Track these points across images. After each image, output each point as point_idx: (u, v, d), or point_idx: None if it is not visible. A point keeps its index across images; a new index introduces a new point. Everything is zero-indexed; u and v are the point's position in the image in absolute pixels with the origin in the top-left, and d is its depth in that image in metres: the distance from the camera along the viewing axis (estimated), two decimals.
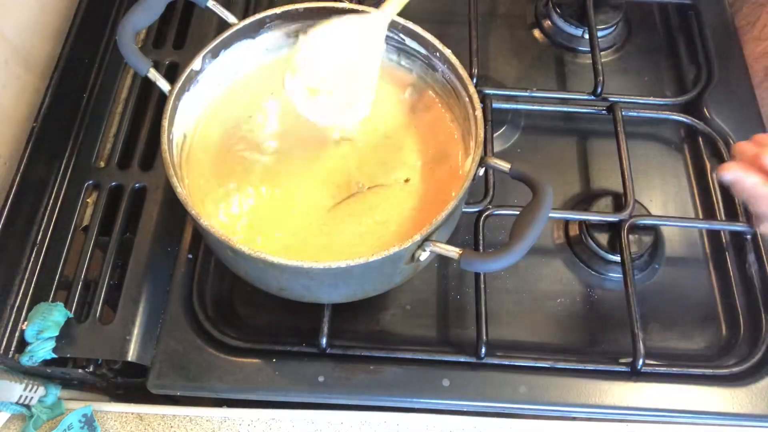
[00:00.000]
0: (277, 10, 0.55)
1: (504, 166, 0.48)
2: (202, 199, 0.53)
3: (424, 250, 0.46)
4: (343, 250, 0.51)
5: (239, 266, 0.51)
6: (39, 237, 0.58)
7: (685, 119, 0.70)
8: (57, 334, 0.53)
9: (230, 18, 0.55)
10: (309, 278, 0.48)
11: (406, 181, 0.54)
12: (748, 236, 0.63)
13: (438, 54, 0.55)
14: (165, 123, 0.50)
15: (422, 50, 0.56)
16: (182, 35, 0.70)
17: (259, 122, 0.58)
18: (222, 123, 0.57)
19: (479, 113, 0.51)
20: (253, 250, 0.44)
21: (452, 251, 0.45)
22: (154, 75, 0.52)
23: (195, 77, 0.54)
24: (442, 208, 0.46)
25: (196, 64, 0.53)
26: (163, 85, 0.52)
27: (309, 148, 0.57)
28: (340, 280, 0.49)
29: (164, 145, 0.49)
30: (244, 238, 0.52)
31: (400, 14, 0.56)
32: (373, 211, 0.53)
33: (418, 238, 0.45)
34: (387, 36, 0.57)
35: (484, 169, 0.49)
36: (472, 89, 0.52)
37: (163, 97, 0.52)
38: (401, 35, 0.56)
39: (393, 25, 0.56)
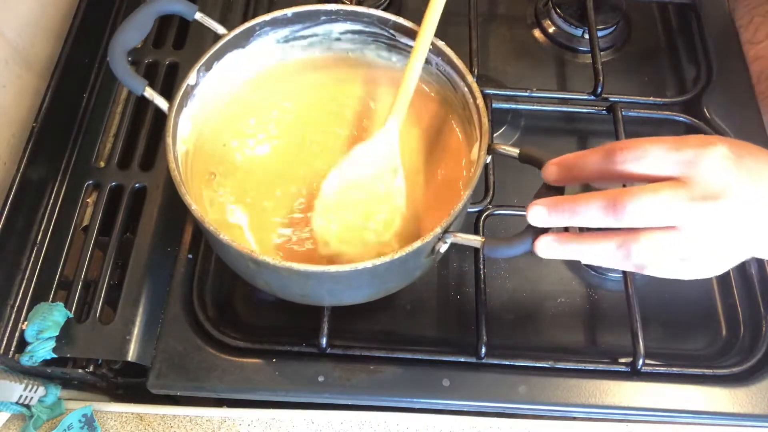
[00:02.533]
0: (266, 17, 0.55)
1: (512, 151, 0.48)
2: (207, 208, 0.53)
3: (445, 242, 0.47)
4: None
5: (259, 277, 0.51)
6: (39, 237, 0.58)
7: (685, 119, 0.70)
8: (57, 334, 0.53)
9: (219, 29, 0.54)
10: (334, 282, 0.48)
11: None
12: None
13: (431, 46, 0.55)
14: (169, 141, 0.49)
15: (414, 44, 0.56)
16: (182, 35, 0.70)
17: (260, 132, 0.57)
18: (223, 134, 0.57)
19: (480, 101, 0.51)
20: (278, 260, 0.44)
21: (474, 240, 0.45)
22: (150, 94, 0.51)
23: (191, 92, 0.53)
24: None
25: (191, 78, 0.53)
26: (161, 103, 0.51)
27: (310, 160, 0.57)
28: (365, 280, 0.49)
29: (172, 164, 0.48)
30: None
31: (397, 13, 0.56)
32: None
33: (438, 230, 0.45)
34: (376, 33, 0.57)
35: (491, 157, 0.49)
36: (470, 78, 0.52)
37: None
38: (391, 31, 0.56)
39: (383, 22, 0.56)
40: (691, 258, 0.41)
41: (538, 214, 0.42)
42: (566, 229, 0.64)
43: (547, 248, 0.42)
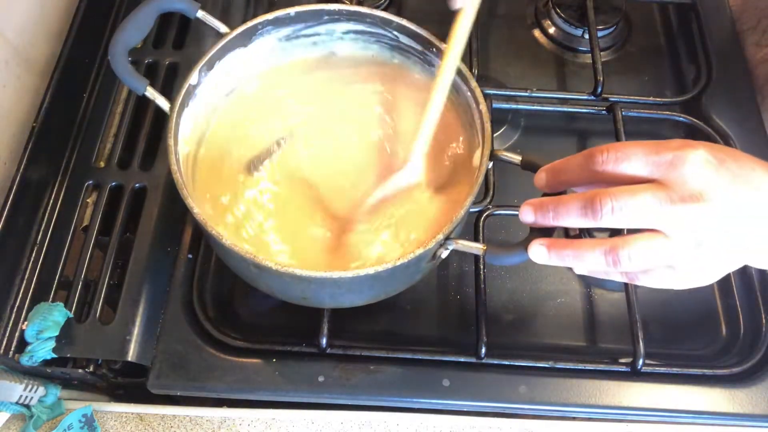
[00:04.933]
0: (269, 16, 0.55)
1: (515, 158, 0.49)
2: (209, 211, 0.53)
3: (446, 248, 0.47)
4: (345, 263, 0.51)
5: (261, 280, 0.51)
6: (39, 237, 0.58)
7: (685, 119, 0.70)
8: (57, 334, 0.53)
9: (221, 28, 0.54)
10: (336, 287, 0.48)
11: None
12: None
13: (434, 49, 0.55)
14: (171, 142, 0.49)
15: (417, 46, 0.56)
16: (182, 35, 0.70)
17: (264, 133, 0.57)
18: (226, 135, 0.57)
19: (483, 106, 0.51)
20: (280, 265, 0.44)
21: (476, 247, 0.46)
22: (152, 93, 0.51)
23: (193, 92, 0.53)
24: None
25: (193, 78, 0.52)
26: (162, 103, 0.51)
27: (312, 159, 0.57)
28: (366, 285, 0.50)
29: (173, 166, 0.47)
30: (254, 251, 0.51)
31: (398, 13, 0.56)
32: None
33: (440, 237, 0.45)
34: (379, 34, 0.57)
35: (492, 162, 0.50)
36: (473, 83, 0.52)
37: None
38: (394, 32, 0.56)
39: (386, 23, 0.56)
40: (679, 265, 0.40)
41: (526, 213, 0.43)
42: (567, 235, 0.64)
43: (538, 254, 0.42)
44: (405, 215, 0.53)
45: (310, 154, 0.57)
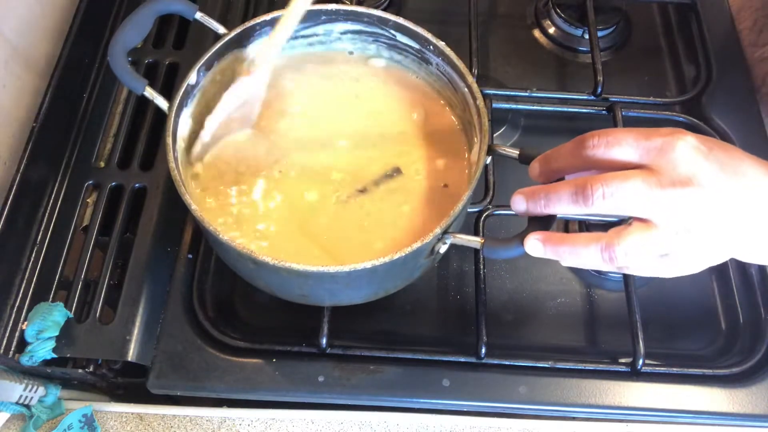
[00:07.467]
0: (267, 17, 0.55)
1: (513, 152, 0.49)
2: (208, 209, 0.53)
3: (444, 243, 0.47)
4: (346, 254, 0.51)
5: (259, 277, 0.51)
6: (39, 237, 0.58)
7: (685, 119, 0.70)
8: (57, 334, 0.53)
9: (220, 29, 0.54)
10: (334, 282, 0.48)
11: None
12: None
13: (431, 47, 0.55)
14: (169, 141, 0.49)
15: (414, 44, 0.56)
16: (182, 35, 0.70)
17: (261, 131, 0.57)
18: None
19: (481, 102, 0.51)
20: (277, 260, 0.44)
21: (474, 241, 0.46)
22: (150, 93, 0.51)
23: (191, 91, 0.53)
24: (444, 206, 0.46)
25: (191, 78, 0.52)
26: (161, 102, 0.51)
27: (310, 152, 0.57)
28: (365, 281, 0.49)
29: (171, 164, 0.48)
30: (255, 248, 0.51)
31: (398, 13, 0.56)
32: (374, 215, 0.53)
33: (438, 231, 0.45)
34: (377, 33, 0.57)
35: (491, 157, 0.50)
36: (470, 79, 0.52)
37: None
38: (392, 31, 0.56)
39: (383, 22, 0.56)
40: (670, 254, 0.41)
41: (517, 202, 0.43)
42: (566, 229, 0.64)
43: (534, 247, 0.42)
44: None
45: (307, 153, 0.57)
